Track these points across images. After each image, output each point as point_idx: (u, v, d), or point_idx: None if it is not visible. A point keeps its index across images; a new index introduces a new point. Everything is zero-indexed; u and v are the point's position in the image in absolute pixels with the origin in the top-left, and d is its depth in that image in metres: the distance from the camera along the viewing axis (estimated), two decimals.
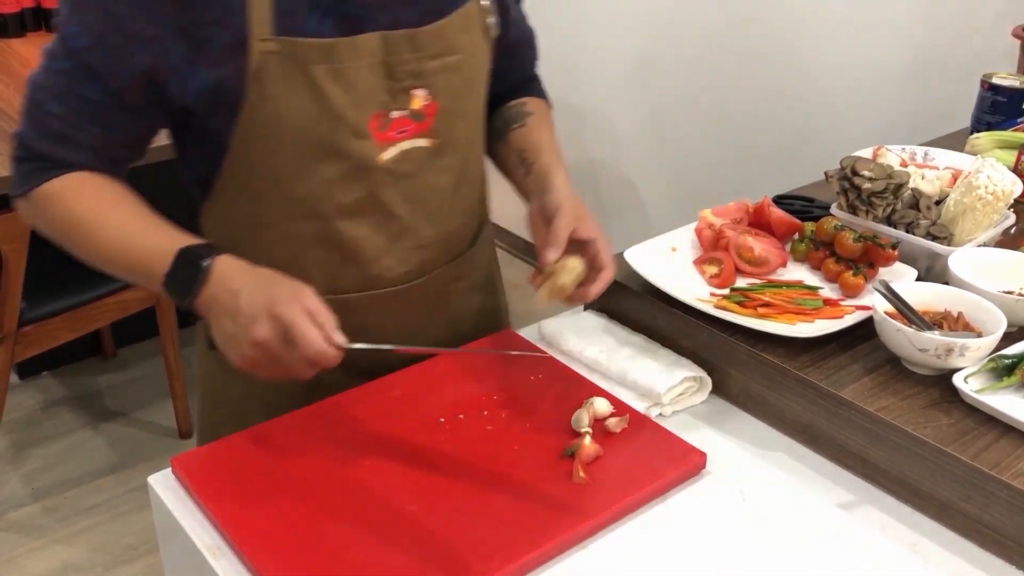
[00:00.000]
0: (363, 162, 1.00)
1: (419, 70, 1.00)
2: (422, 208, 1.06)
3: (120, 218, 0.98)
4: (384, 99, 0.99)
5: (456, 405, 1.01)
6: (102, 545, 2.14)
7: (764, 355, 1.01)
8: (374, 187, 1.02)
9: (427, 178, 1.05)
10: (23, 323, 2.08)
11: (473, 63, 1.07)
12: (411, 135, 1.02)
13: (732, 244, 1.18)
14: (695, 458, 0.94)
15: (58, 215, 0.99)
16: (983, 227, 1.18)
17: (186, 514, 0.88)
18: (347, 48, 0.95)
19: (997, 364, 0.97)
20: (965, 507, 0.87)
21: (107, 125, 0.97)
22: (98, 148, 0.98)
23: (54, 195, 0.98)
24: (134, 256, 0.96)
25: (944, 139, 1.72)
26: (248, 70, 0.92)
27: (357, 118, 0.98)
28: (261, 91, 0.93)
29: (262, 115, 0.95)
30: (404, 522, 0.84)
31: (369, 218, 1.03)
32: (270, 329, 0.86)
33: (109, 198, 0.99)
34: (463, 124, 1.08)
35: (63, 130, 0.96)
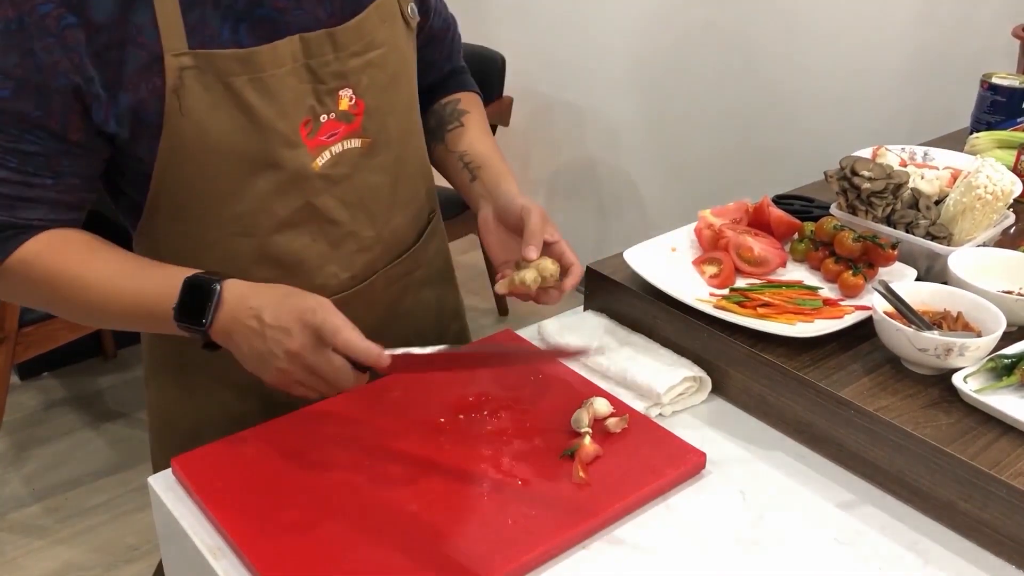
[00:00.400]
0: (298, 172, 0.97)
1: (342, 70, 0.98)
2: (361, 210, 1.05)
3: (105, 266, 0.94)
4: (311, 104, 0.97)
5: (456, 406, 1.01)
6: (103, 545, 2.15)
7: (764, 355, 1.01)
8: (311, 195, 0.99)
9: (363, 179, 1.04)
10: (24, 324, 2.09)
11: (396, 56, 1.05)
12: (341, 137, 1.00)
13: (732, 244, 1.18)
14: (695, 458, 0.94)
15: (35, 281, 0.93)
16: (982, 227, 1.18)
17: (187, 514, 0.88)
18: (267, 55, 0.92)
19: (996, 364, 0.97)
20: (965, 506, 0.87)
21: (57, 173, 0.91)
22: (54, 200, 0.93)
23: (26, 262, 0.92)
24: (132, 299, 0.93)
25: (944, 139, 1.72)
26: (166, 88, 0.89)
27: (286, 127, 0.95)
28: (182, 109, 0.90)
29: (186, 134, 0.91)
30: (405, 522, 0.84)
31: (308, 227, 1.01)
32: (304, 337, 0.86)
33: (85, 249, 0.95)
34: (393, 119, 1.06)
35: (13, 193, 0.90)
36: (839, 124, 2.30)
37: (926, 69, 2.13)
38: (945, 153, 1.44)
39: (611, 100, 2.91)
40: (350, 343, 0.87)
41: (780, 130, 2.43)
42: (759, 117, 2.47)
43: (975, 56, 2.01)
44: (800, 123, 2.38)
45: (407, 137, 1.10)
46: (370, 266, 1.08)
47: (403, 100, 1.08)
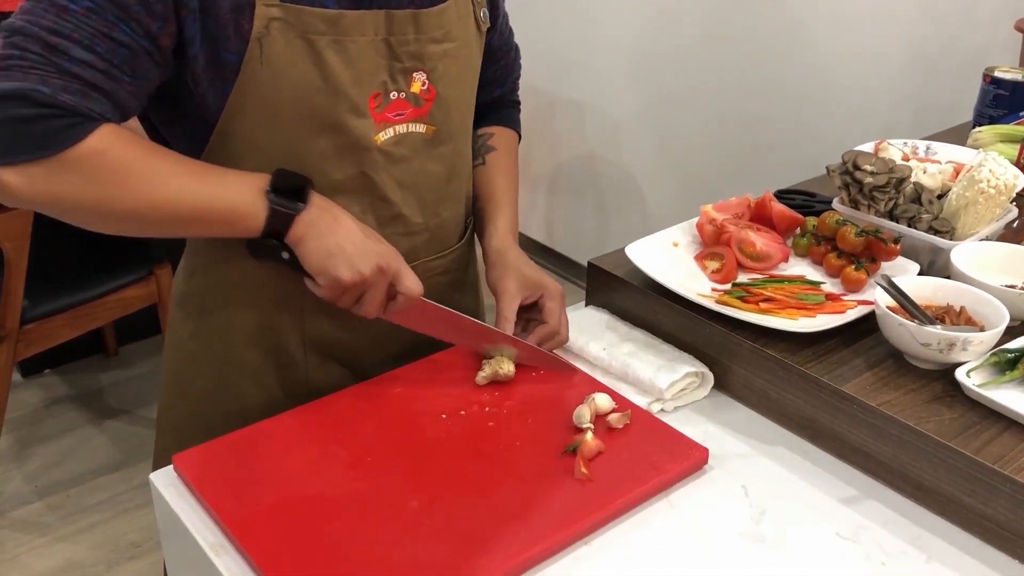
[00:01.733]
0: (359, 141, 0.99)
1: (420, 52, 1.00)
2: (414, 195, 1.06)
3: (182, 161, 0.93)
4: (384, 79, 0.99)
5: (458, 401, 1.01)
6: (105, 542, 2.15)
7: (766, 350, 1.01)
8: (367, 167, 1.01)
9: (421, 164, 1.05)
10: (25, 321, 2.09)
11: (468, 53, 1.07)
12: (408, 119, 1.02)
13: (734, 239, 1.18)
14: (697, 453, 0.94)
15: (103, 173, 0.88)
16: (985, 221, 1.17)
17: (188, 511, 0.88)
18: (352, 21, 0.95)
19: (1000, 358, 0.96)
20: (968, 501, 0.86)
21: (135, 72, 0.88)
22: (122, 100, 0.89)
23: (97, 151, 0.87)
24: (213, 191, 0.92)
25: (946, 133, 1.72)
26: (252, 34, 0.91)
27: (357, 95, 0.97)
28: (262, 57, 0.92)
29: (261, 83, 0.93)
30: (406, 518, 0.84)
31: (360, 199, 1.02)
32: (392, 263, 0.96)
33: (152, 147, 0.93)
34: (457, 113, 1.08)
35: (91, 79, 0.86)
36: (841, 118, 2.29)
37: (928, 63, 2.12)
38: (948, 147, 1.43)
39: (613, 96, 2.90)
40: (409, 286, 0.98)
41: (782, 125, 2.43)
42: (761, 112, 2.47)
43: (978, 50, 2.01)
44: (802, 117, 2.38)
45: (464, 135, 1.12)
46: (412, 252, 1.08)
47: (468, 97, 1.11)
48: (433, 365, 1.07)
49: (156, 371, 2.72)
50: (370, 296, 0.96)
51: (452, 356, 1.09)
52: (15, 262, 1.97)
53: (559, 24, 2.94)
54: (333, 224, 0.95)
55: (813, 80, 2.32)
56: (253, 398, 1.09)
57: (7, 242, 1.93)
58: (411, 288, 0.98)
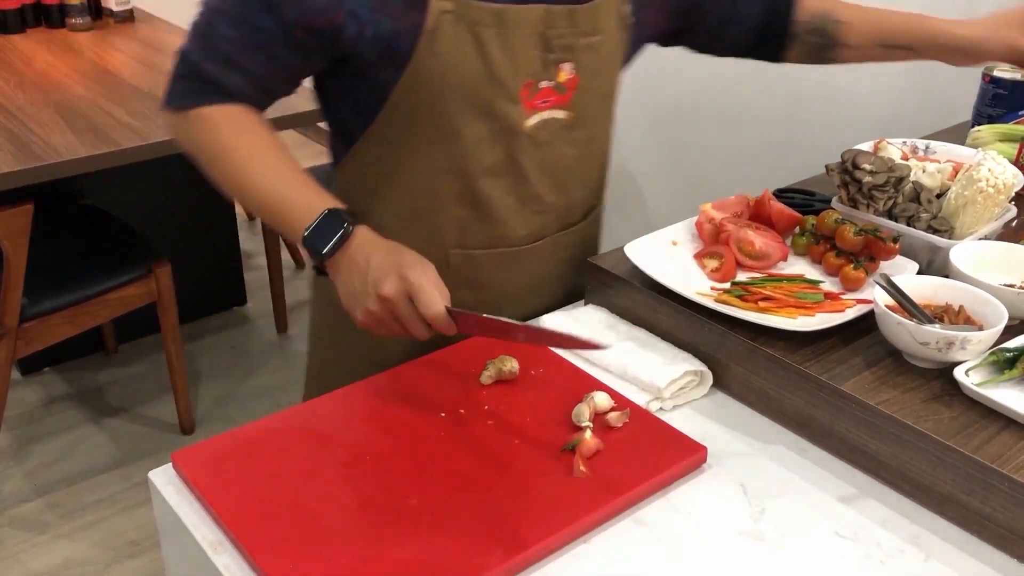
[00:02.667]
0: (510, 126, 1.07)
1: (570, 45, 1.07)
2: (550, 175, 1.14)
3: (271, 163, 1.04)
4: (536, 69, 1.06)
5: (457, 400, 1.01)
6: (104, 540, 2.15)
7: (765, 349, 1.01)
8: (514, 151, 1.09)
9: (559, 148, 1.13)
10: (24, 319, 2.09)
11: (611, 46, 1.14)
12: (552, 106, 1.10)
13: (733, 238, 1.18)
14: (696, 452, 0.94)
15: (211, 141, 1.05)
16: (984, 220, 1.17)
17: (187, 509, 0.88)
18: (516, 15, 1.02)
19: (998, 357, 0.96)
20: (967, 500, 0.86)
21: (272, 56, 1.02)
22: (259, 77, 1.03)
23: (214, 121, 1.04)
24: (279, 204, 1.03)
25: (945, 132, 1.72)
26: (424, 27, 0.99)
27: (513, 84, 1.05)
28: (432, 48, 1.00)
29: (430, 71, 1.01)
30: (405, 516, 0.84)
31: (505, 180, 1.11)
32: (396, 287, 0.94)
33: (263, 138, 1.05)
34: (596, 101, 1.16)
35: (231, 54, 1.01)
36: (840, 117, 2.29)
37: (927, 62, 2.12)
38: (947, 146, 1.43)
39: None
40: (427, 306, 0.94)
41: (781, 123, 2.43)
42: (760, 110, 2.47)
43: None
44: (801, 116, 2.38)
45: (601, 121, 1.20)
46: (542, 228, 1.18)
47: (607, 87, 1.17)
48: (433, 364, 1.07)
49: (155, 369, 2.72)
50: (405, 324, 0.96)
51: (453, 355, 1.09)
52: (14, 260, 1.97)
53: None
54: (351, 265, 0.98)
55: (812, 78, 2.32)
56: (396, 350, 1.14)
57: (6, 240, 1.93)
58: (427, 307, 0.94)
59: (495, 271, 1.17)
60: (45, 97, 2.33)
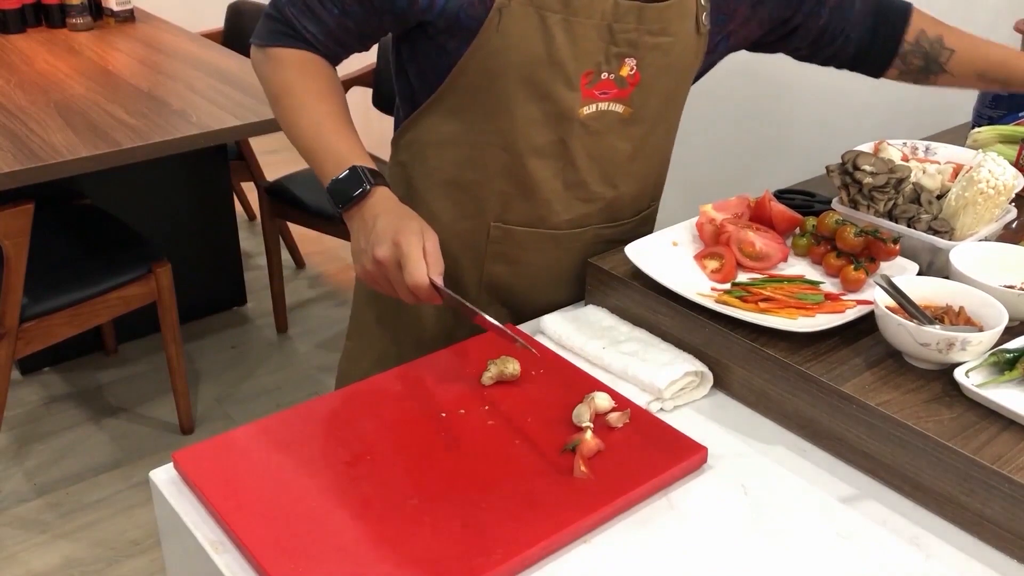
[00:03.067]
0: (565, 111, 1.10)
1: (636, 41, 1.09)
2: (599, 165, 1.16)
3: (322, 110, 1.10)
4: (599, 59, 1.08)
5: (457, 400, 1.01)
6: (105, 540, 2.15)
7: (765, 350, 1.01)
8: (566, 136, 1.12)
9: (612, 141, 1.15)
10: (25, 319, 2.09)
11: (680, 49, 1.14)
12: (611, 98, 1.11)
13: (733, 239, 1.18)
14: (697, 452, 0.94)
15: (278, 79, 1.13)
16: (984, 221, 1.17)
17: (188, 509, 0.88)
18: (583, 4, 1.05)
19: (999, 358, 0.96)
20: (967, 501, 0.87)
21: (345, 11, 1.08)
22: (332, 29, 1.10)
23: (285, 62, 1.12)
24: (318, 149, 1.08)
25: (945, 133, 1.72)
26: (494, 4, 1.03)
27: (573, 70, 1.07)
28: (499, 25, 1.03)
29: (493, 46, 1.05)
30: (406, 516, 0.84)
31: (554, 162, 1.13)
32: (389, 251, 0.98)
33: (323, 87, 1.12)
34: (657, 101, 1.16)
35: (310, 3, 1.08)
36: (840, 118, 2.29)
37: None
38: (947, 147, 1.43)
39: None
40: (410, 274, 0.97)
41: (781, 124, 2.43)
42: (760, 111, 2.47)
43: None
44: (801, 117, 2.38)
45: (660, 121, 1.20)
46: (587, 217, 1.20)
47: (670, 89, 1.18)
48: (434, 363, 1.08)
49: (155, 369, 2.72)
50: (395, 286, 1.00)
51: (453, 355, 1.09)
52: (15, 259, 1.97)
53: None
54: (361, 222, 1.03)
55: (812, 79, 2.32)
56: (432, 331, 1.24)
57: (7, 239, 1.93)
58: (411, 273, 0.97)
59: (533, 251, 1.20)
60: (45, 97, 2.33)
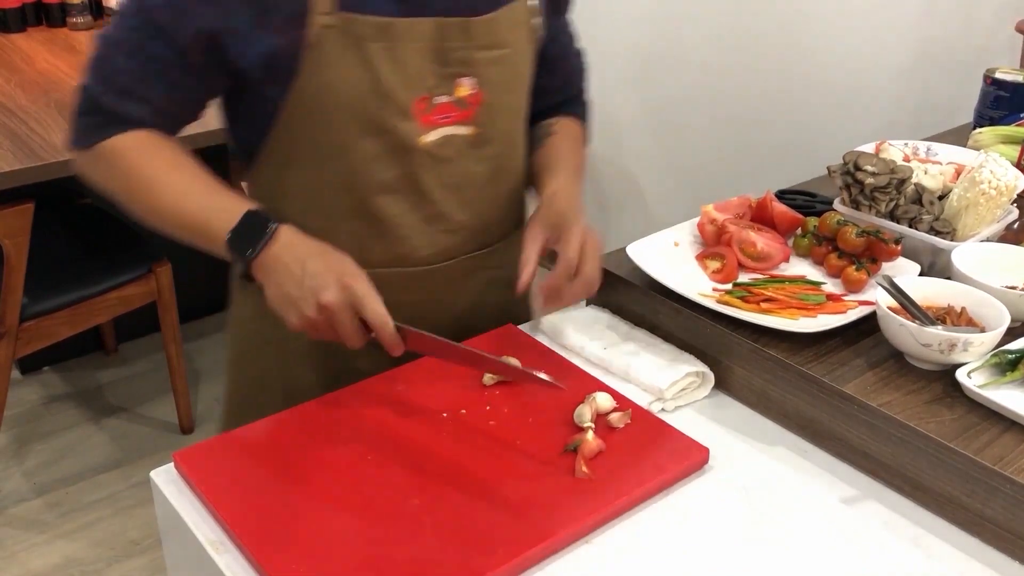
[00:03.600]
0: (404, 142, 1.03)
1: (468, 59, 1.03)
2: (457, 194, 1.09)
3: (182, 179, 1.02)
4: (431, 83, 1.02)
5: (458, 400, 1.01)
6: (104, 540, 2.15)
7: (767, 350, 1.01)
8: (412, 168, 1.05)
9: (465, 165, 1.08)
10: (25, 318, 2.09)
11: (518, 59, 1.10)
12: (453, 122, 1.05)
13: (735, 239, 1.18)
14: (698, 453, 0.94)
15: (119, 171, 1.02)
16: (986, 222, 1.17)
17: (188, 509, 0.88)
18: (404, 29, 0.98)
19: (1000, 359, 0.96)
20: (968, 502, 0.86)
21: (171, 83, 1.00)
22: (160, 105, 1.01)
23: (117, 151, 1.01)
24: (195, 214, 1.00)
25: (947, 134, 1.72)
26: (306, 42, 0.96)
27: (404, 99, 1.01)
28: (317, 63, 0.97)
29: (314, 86, 0.98)
30: (407, 517, 0.84)
31: (405, 197, 1.06)
32: (338, 297, 0.93)
33: (170, 158, 1.02)
34: (504, 117, 1.11)
35: (129, 85, 0.99)
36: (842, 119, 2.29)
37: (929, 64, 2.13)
38: (948, 148, 1.43)
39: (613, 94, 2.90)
40: (378, 318, 0.94)
41: (783, 125, 2.43)
42: (762, 112, 2.47)
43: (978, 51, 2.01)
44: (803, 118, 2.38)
45: (512, 138, 1.14)
46: (454, 248, 1.12)
47: (516, 102, 1.13)
48: (435, 364, 1.07)
49: (155, 369, 2.72)
50: (340, 331, 0.95)
51: None
52: (15, 259, 1.97)
53: None
54: (282, 268, 0.95)
55: (814, 80, 2.32)
56: (305, 379, 1.14)
57: (7, 239, 1.93)
58: (373, 318, 0.94)
59: (401, 291, 1.07)
60: (46, 96, 2.33)
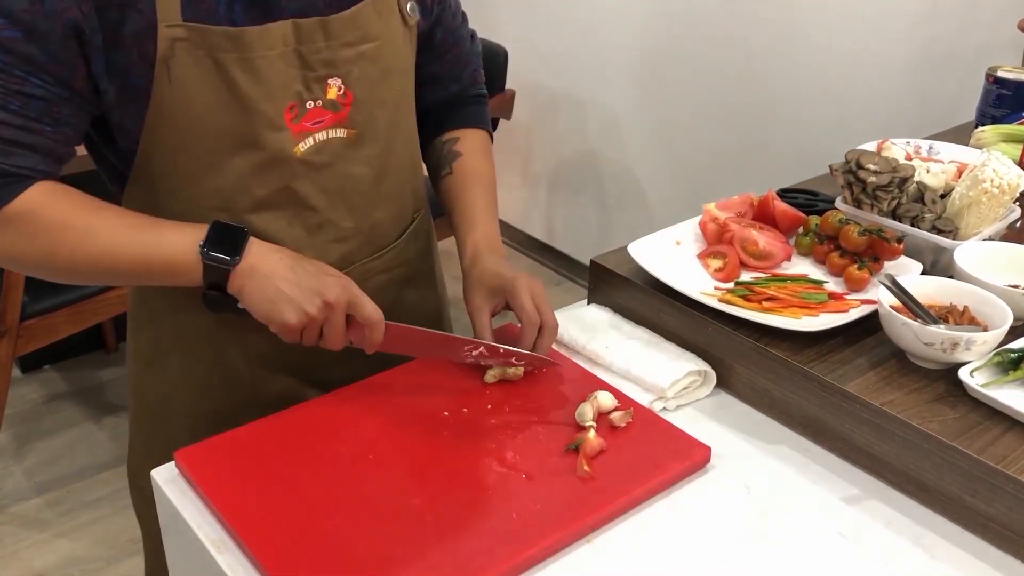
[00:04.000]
0: (278, 154, 0.98)
1: (333, 59, 0.99)
2: (341, 200, 1.05)
3: (115, 216, 0.94)
4: (298, 89, 0.97)
5: (460, 399, 1.00)
6: (105, 539, 2.15)
7: (769, 349, 1.01)
8: (290, 179, 1.00)
9: (345, 169, 1.04)
10: (25, 317, 2.09)
11: (390, 51, 1.05)
12: (327, 125, 1.01)
13: (736, 238, 1.18)
14: (700, 452, 0.94)
15: (38, 231, 0.91)
16: (988, 221, 1.17)
17: (190, 508, 0.88)
18: (258, 37, 0.93)
19: (1003, 358, 0.96)
20: (971, 501, 0.86)
21: (57, 120, 0.90)
22: (49, 148, 0.91)
23: (26, 212, 0.90)
24: (145, 245, 0.93)
25: (949, 132, 1.72)
26: (157, 56, 0.89)
27: (271, 109, 0.96)
28: (170, 79, 0.91)
29: (172, 104, 0.92)
30: (408, 516, 0.84)
31: (285, 211, 1.02)
32: (339, 295, 0.94)
33: (87, 202, 0.94)
34: (382, 114, 1.06)
35: (12, 137, 0.88)
36: (844, 117, 2.29)
37: (931, 62, 2.12)
38: (950, 147, 1.43)
39: (614, 93, 2.90)
40: (371, 314, 0.95)
41: (785, 124, 2.43)
42: (764, 110, 2.46)
43: (981, 49, 2.01)
44: (805, 116, 2.38)
45: (395, 133, 1.10)
46: (346, 257, 1.08)
47: (394, 95, 1.08)
48: (435, 363, 1.07)
49: None
50: (328, 331, 0.95)
51: None
52: None
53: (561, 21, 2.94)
54: (271, 270, 0.94)
55: (816, 79, 2.32)
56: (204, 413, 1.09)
57: None
58: (370, 315, 0.95)
59: None
60: None
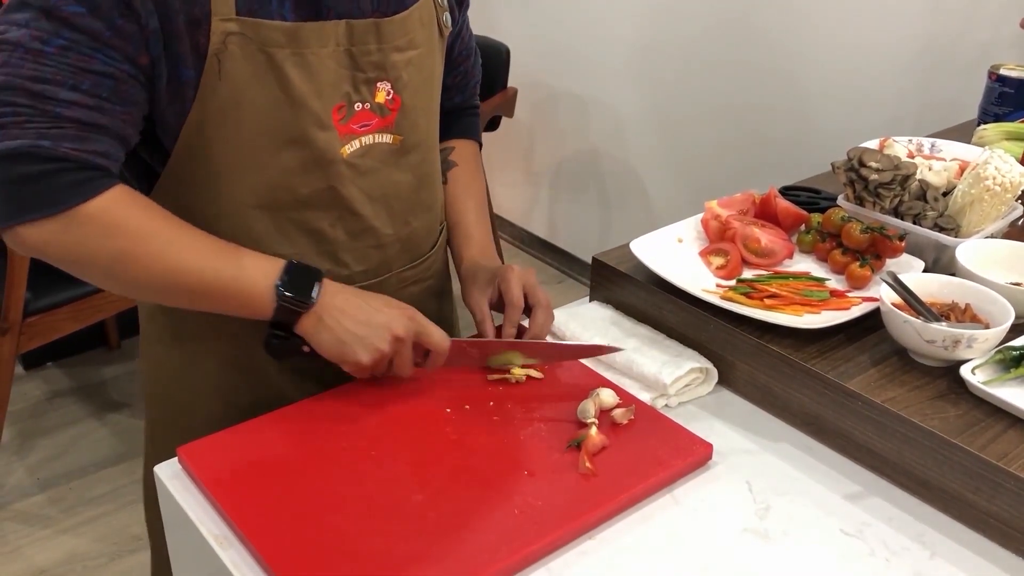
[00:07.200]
0: (324, 154, 0.97)
1: (383, 62, 0.99)
2: (384, 206, 1.05)
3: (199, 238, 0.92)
4: (347, 90, 0.97)
5: (462, 396, 1.01)
6: (108, 535, 2.15)
7: (771, 346, 1.01)
8: (335, 181, 0.99)
9: (389, 175, 1.04)
10: (28, 314, 2.09)
11: (432, 60, 1.06)
12: (374, 130, 1.01)
13: (738, 235, 1.18)
14: (701, 449, 0.94)
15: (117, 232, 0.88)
16: (991, 218, 1.17)
17: (193, 504, 0.88)
18: (312, 33, 0.93)
19: (1005, 356, 0.96)
20: (972, 498, 0.86)
21: (125, 99, 0.87)
22: (119, 132, 0.88)
23: (108, 211, 0.87)
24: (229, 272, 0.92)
25: (951, 130, 1.72)
26: (209, 49, 0.89)
27: (319, 107, 0.95)
28: (220, 73, 0.90)
29: (220, 98, 0.91)
30: (411, 512, 0.84)
31: (329, 212, 1.01)
32: (407, 328, 0.95)
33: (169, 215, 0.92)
34: (424, 121, 1.07)
35: (86, 119, 0.84)
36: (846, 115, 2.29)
37: (934, 60, 2.12)
38: (953, 144, 1.43)
39: (616, 91, 2.90)
40: (440, 342, 0.98)
41: (787, 121, 2.43)
42: (765, 108, 2.46)
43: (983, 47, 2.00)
44: (807, 114, 2.38)
45: (432, 142, 1.11)
46: (385, 264, 1.08)
47: (432, 106, 1.09)
48: None
49: None
50: (398, 362, 0.97)
51: None
52: (18, 254, 1.97)
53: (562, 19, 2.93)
54: (340, 313, 0.94)
55: (818, 77, 2.32)
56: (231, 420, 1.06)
57: None
58: (439, 343, 0.98)
59: None
60: None
